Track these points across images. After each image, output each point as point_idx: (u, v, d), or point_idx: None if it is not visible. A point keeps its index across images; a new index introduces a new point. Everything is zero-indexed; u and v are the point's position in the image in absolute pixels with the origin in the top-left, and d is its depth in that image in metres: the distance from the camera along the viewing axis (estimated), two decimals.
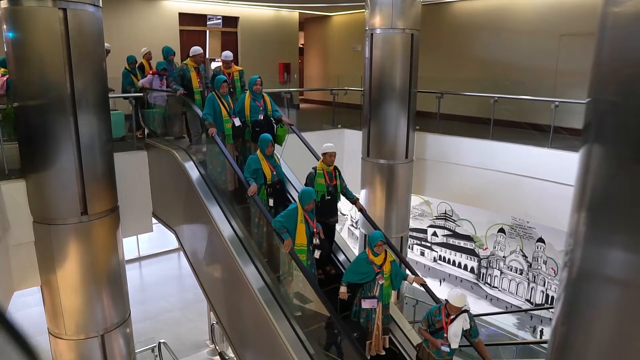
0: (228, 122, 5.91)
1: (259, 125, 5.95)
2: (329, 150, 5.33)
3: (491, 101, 8.21)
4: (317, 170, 5.37)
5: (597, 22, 1.24)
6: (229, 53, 6.92)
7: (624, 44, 1.15)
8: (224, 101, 5.93)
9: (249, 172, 5.23)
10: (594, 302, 1.28)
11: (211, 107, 5.85)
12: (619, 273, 1.21)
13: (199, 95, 6.65)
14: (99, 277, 5.42)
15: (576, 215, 1.32)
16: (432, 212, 11.63)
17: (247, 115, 5.97)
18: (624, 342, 1.25)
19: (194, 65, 6.68)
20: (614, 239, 1.20)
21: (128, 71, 8.03)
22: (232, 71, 6.89)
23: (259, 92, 6.01)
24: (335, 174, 5.43)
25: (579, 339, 1.36)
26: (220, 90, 5.92)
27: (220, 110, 5.87)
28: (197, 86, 6.65)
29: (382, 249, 4.66)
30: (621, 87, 1.16)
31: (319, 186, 5.31)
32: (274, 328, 4.56)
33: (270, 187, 5.33)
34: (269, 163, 5.33)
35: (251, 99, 5.98)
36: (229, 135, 5.94)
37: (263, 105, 6.04)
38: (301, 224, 4.71)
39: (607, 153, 1.22)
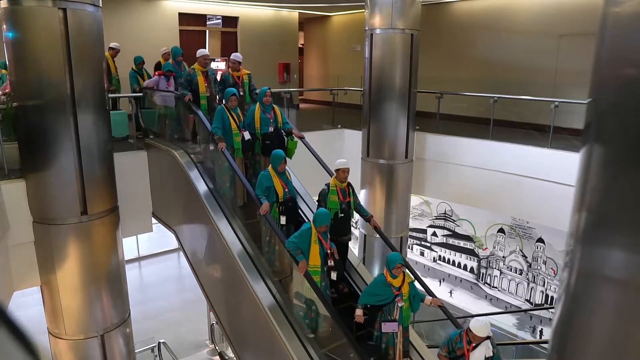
0: (238, 135, 5.72)
1: (269, 138, 5.80)
2: (342, 167, 5.17)
3: (491, 101, 8.21)
4: (330, 187, 5.20)
5: (597, 22, 1.24)
6: (238, 55, 6.70)
7: (624, 44, 1.15)
8: (233, 114, 5.74)
9: (260, 189, 5.05)
10: (594, 302, 1.29)
11: (220, 120, 5.65)
12: (620, 273, 1.21)
13: (204, 101, 6.45)
14: (99, 277, 5.42)
15: (577, 215, 1.32)
16: (431, 212, 11.63)
17: (257, 127, 5.81)
18: (624, 343, 1.25)
19: (201, 69, 6.47)
20: (615, 239, 1.20)
21: (135, 72, 7.99)
22: (242, 74, 6.68)
23: (269, 104, 5.86)
24: (348, 191, 5.27)
25: (580, 339, 1.36)
26: (229, 104, 5.74)
27: (230, 123, 5.68)
28: (203, 91, 6.43)
29: (401, 271, 4.50)
30: (622, 87, 1.16)
31: (332, 203, 5.14)
32: (273, 328, 4.56)
33: (282, 204, 5.14)
34: (280, 180, 5.15)
35: (261, 110, 5.82)
36: (238, 149, 5.75)
37: (273, 118, 5.87)
38: (315, 244, 4.57)
39: (607, 153, 1.22)
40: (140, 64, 8.05)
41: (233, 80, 6.56)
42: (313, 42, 17.05)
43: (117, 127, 7.35)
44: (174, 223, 6.80)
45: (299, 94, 14.96)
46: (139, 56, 8.13)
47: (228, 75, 6.62)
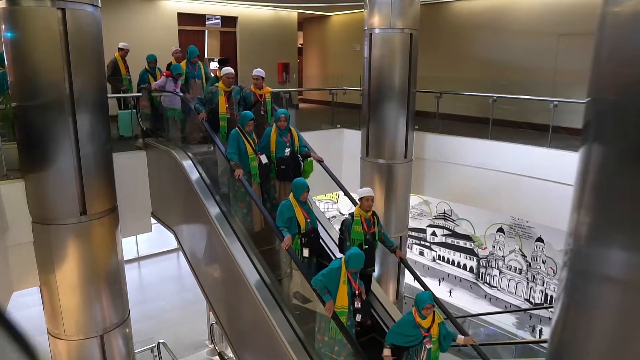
0: (254, 159, 5.42)
1: (285, 162, 5.52)
2: (366, 195, 4.90)
3: (490, 101, 8.21)
4: (354, 217, 4.95)
5: (596, 21, 1.24)
6: (261, 71, 6.15)
7: (623, 43, 1.15)
8: (248, 138, 5.43)
9: (281, 220, 4.75)
10: (593, 301, 1.29)
11: (236, 145, 5.34)
12: (619, 273, 1.21)
13: (224, 122, 5.98)
14: (98, 277, 5.42)
15: (576, 214, 1.32)
16: (431, 211, 11.63)
17: (273, 151, 5.55)
18: (623, 342, 1.25)
19: (224, 89, 5.98)
20: (614, 238, 1.20)
21: (146, 70, 7.83)
22: (265, 92, 6.17)
23: (284, 128, 5.57)
24: (373, 221, 5.00)
25: (579, 338, 1.37)
26: (245, 128, 5.41)
27: (246, 148, 5.37)
28: (224, 112, 5.96)
29: (430, 311, 4.26)
30: (621, 87, 1.16)
31: (356, 234, 4.89)
32: (273, 328, 4.56)
33: (304, 236, 4.85)
34: (302, 210, 4.87)
35: (277, 133, 5.54)
36: (255, 174, 5.45)
37: (290, 141, 5.60)
38: (343, 285, 4.31)
39: (606, 152, 1.22)
40: (152, 63, 7.87)
41: (255, 99, 6.12)
42: (312, 41, 17.05)
43: (123, 127, 7.40)
44: (173, 223, 6.80)
45: (298, 94, 14.96)
46: (151, 55, 7.99)
47: (250, 93, 6.14)
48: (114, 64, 8.14)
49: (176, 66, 7.10)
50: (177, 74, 7.01)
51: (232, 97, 6.01)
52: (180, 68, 7.08)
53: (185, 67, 7.26)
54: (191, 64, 7.24)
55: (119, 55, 8.13)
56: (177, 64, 7.20)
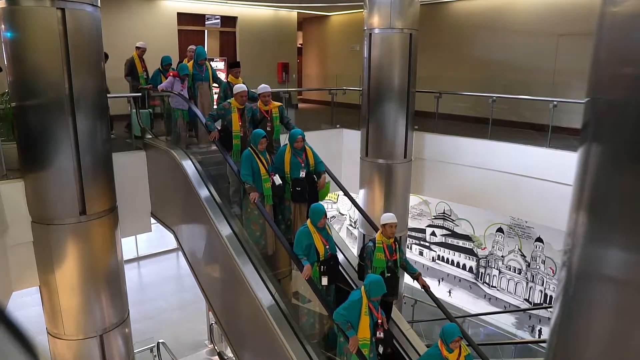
0: (267, 180, 5.23)
1: (300, 184, 5.32)
2: (389, 221, 4.75)
3: (489, 101, 8.22)
4: (376, 244, 4.79)
5: (595, 22, 1.25)
6: (266, 86, 5.97)
7: (622, 43, 1.15)
8: (262, 158, 5.24)
9: (300, 248, 4.58)
10: (592, 301, 1.29)
11: (249, 166, 5.15)
12: (617, 272, 1.21)
13: (238, 140, 5.73)
14: (98, 277, 5.42)
15: (575, 214, 1.33)
16: (430, 211, 11.63)
17: (287, 172, 5.34)
18: (622, 341, 1.25)
19: (238, 106, 5.73)
20: (612, 238, 1.21)
21: (159, 71, 7.69)
22: (271, 107, 5.97)
23: (300, 149, 5.37)
24: (395, 247, 4.86)
25: (578, 338, 1.37)
26: (258, 147, 5.22)
27: (259, 168, 5.18)
28: (237, 130, 5.71)
29: (458, 344, 4.14)
30: (619, 87, 1.17)
31: (377, 262, 4.73)
32: (272, 328, 4.56)
33: (323, 263, 4.67)
34: (321, 236, 4.68)
35: (292, 153, 5.35)
36: (268, 195, 5.25)
37: (305, 162, 5.39)
38: (365, 316, 4.15)
39: (605, 152, 1.22)
40: (167, 65, 7.67)
41: (261, 115, 5.95)
42: (312, 41, 17.05)
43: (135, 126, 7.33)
44: (173, 223, 6.80)
45: (297, 94, 14.96)
46: (167, 57, 7.83)
47: (256, 109, 5.96)
48: (131, 63, 8.05)
49: (183, 66, 6.99)
50: (184, 75, 6.89)
51: (245, 115, 5.79)
52: (187, 68, 6.99)
53: (192, 68, 7.13)
54: (198, 66, 7.09)
55: (136, 54, 8.04)
56: (184, 64, 7.09)
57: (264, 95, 5.86)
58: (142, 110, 7.54)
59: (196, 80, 7.14)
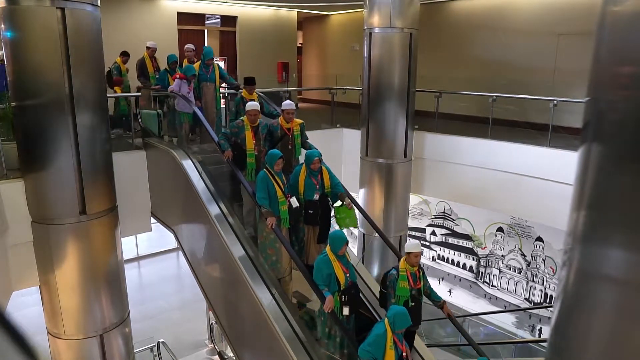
0: (284, 203, 5.00)
1: (313, 206, 5.15)
2: (414, 250, 4.59)
3: (490, 100, 8.22)
4: (399, 272, 4.63)
5: (595, 21, 1.24)
6: (291, 103, 5.72)
7: (622, 43, 1.15)
8: (278, 179, 5.00)
9: (320, 278, 4.38)
10: (592, 301, 1.29)
11: (265, 188, 4.93)
12: (618, 272, 1.21)
13: (252, 159, 5.48)
14: (98, 276, 5.42)
15: (575, 214, 1.32)
16: (430, 211, 11.63)
17: (301, 193, 5.17)
18: (622, 342, 1.25)
19: (251, 125, 5.52)
20: (613, 238, 1.20)
21: (166, 71, 7.49)
22: (293, 125, 5.71)
23: (316, 170, 5.18)
24: (419, 275, 4.70)
25: (578, 338, 1.37)
26: (274, 168, 4.97)
27: (275, 190, 4.96)
28: (251, 148, 5.48)
29: None
30: (620, 86, 1.16)
31: (401, 290, 4.57)
32: (272, 327, 4.56)
33: (344, 293, 4.45)
34: (341, 264, 4.47)
35: (307, 174, 5.17)
36: (285, 219, 5.03)
37: (320, 183, 5.20)
38: (390, 350, 4.01)
39: (606, 152, 1.22)
40: (172, 64, 7.50)
41: (282, 132, 5.71)
42: (312, 41, 17.05)
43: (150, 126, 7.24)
44: (173, 223, 6.80)
45: (297, 93, 14.97)
46: (172, 55, 7.64)
47: (277, 126, 5.71)
48: (142, 63, 7.95)
49: (189, 67, 6.84)
50: (191, 76, 6.73)
51: (259, 132, 5.56)
52: (193, 69, 6.84)
53: (199, 69, 6.96)
54: (205, 66, 6.90)
55: (147, 54, 7.95)
56: (190, 66, 6.93)
57: (287, 112, 5.61)
58: (150, 111, 7.43)
59: (201, 81, 7.01)
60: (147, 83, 7.86)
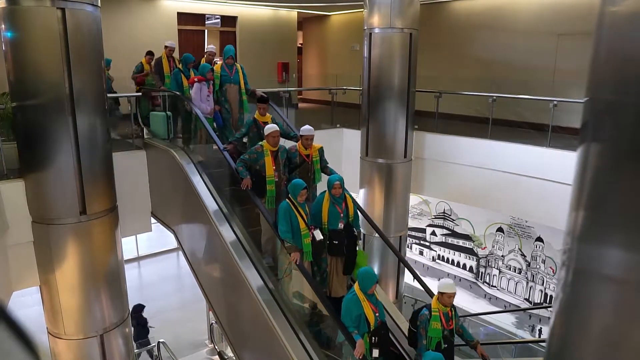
0: (307, 236, 4.73)
1: (338, 236, 4.89)
2: (448, 291, 4.36)
3: (490, 100, 8.22)
4: (431, 312, 4.39)
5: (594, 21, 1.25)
6: (310, 128, 5.41)
7: (621, 43, 1.16)
8: (301, 210, 4.74)
9: (349, 319, 4.15)
10: (591, 300, 1.29)
11: (288, 221, 4.67)
12: (617, 272, 1.21)
13: (272, 186, 5.19)
14: (98, 276, 5.42)
15: (574, 213, 1.33)
16: (430, 211, 11.63)
17: (325, 222, 4.91)
18: (621, 341, 1.25)
19: (270, 149, 5.19)
20: (612, 237, 1.21)
21: (179, 70, 7.09)
22: (312, 152, 5.43)
23: (339, 196, 4.91)
24: (452, 314, 4.47)
25: (577, 338, 1.37)
26: (297, 199, 4.72)
27: (298, 222, 4.71)
28: (271, 174, 5.18)
29: None
30: (618, 86, 1.17)
31: (433, 331, 4.35)
32: (273, 327, 4.56)
33: (374, 334, 4.23)
34: (370, 303, 4.25)
35: (330, 202, 4.90)
36: (308, 252, 4.77)
37: (344, 212, 4.94)
38: None
39: (604, 152, 1.22)
40: (190, 64, 7.14)
41: (300, 159, 5.43)
42: (312, 41, 17.05)
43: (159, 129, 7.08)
44: (173, 223, 6.80)
45: (297, 94, 14.96)
46: (188, 55, 7.29)
47: (295, 153, 5.43)
48: (158, 62, 7.70)
49: (205, 65, 6.46)
50: (208, 72, 6.35)
51: (279, 158, 5.27)
52: (209, 66, 6.54)
53: (220, 69, 6.57)
54: (227, 66, 6.48)
55: (164, 54, 7.68)
56: (206, 64, 6.60)
57: (306, 138, 5.34)
58: (158, 112, 7.22)
59: (224, 82, 6.57)
60: (159, 84, 7.60)
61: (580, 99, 1.35)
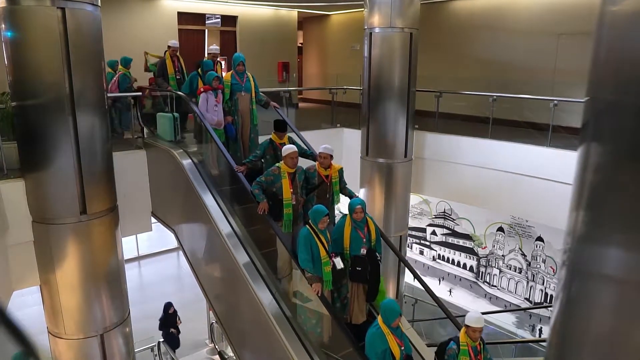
0: (328, 264, 4.52)
1: (361, 263, 4.69)
2: (476, 326, 4.24)
3: (490, 100, 8.21)
4: (460, 346, 4.29)
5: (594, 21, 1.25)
6: (328, 147, 5.13)
7: (621, 43, 1.15)
8: (321, 237, 4.53)
9: (374, 354, 4.04)
10: (591, 300, 1.29)
11: (308, 249, 4.46)
12: (616, 271, 1.21)
13: (289, 209, 4.97)
14: (98, 276, 5.42)
15: (574, 213, 1.33)
16: (431, 211, 11.63)
17: (346, 247, 4.71)
18: (621, 340, 1.25)
19: (288, 170, 4.96)
20: (612, 237, 1.21)
21: (197, 74, 6.89)
22: (332, 173, 5.15)
23: (360, 220, 4.72)
24: (480, 348, 4.35)
25: (577, 337, 1.37)
26: (319, 226, 4.51)
27: (319, 251, 4.48)
28: (288, 198, 4.94)
29: None
30: (618, 86, 1.17)
31: None
32: (273, 327, 4.56)
33: None
34: (395, 337, 4.10)
35: (352, 227, 4.71)
36: (328, 280, 4.55)
37: (367, 236, 4.74)
38: None
39: (604, 151, 1.22)
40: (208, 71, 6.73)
41: (319, 180, 5.16)
42: (312, 41, 17.05)
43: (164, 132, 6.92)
44: (173, 222, 6.80)
45: (298, 93, 14.97)
46: (209, 62, 7.04)
47: (313, 173, 5.16)
48: (162, 63, 7.49)
49: (211, 73, 6.06)
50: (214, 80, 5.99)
51: (296, 180, 5.04)
52: (211, 65, 6.28)
53: (231, 78, 6.23)
54: (238, 74, 6.14)
55: (168, 54, 7.48)
56: (212, 72, 6.20)
57: (324, 157, 5.06)
58: (165, 114, 7.05)
59: (235, 91, 6.24)
60: (164, 85, 7.39)
61: (581, 98, 1.35)
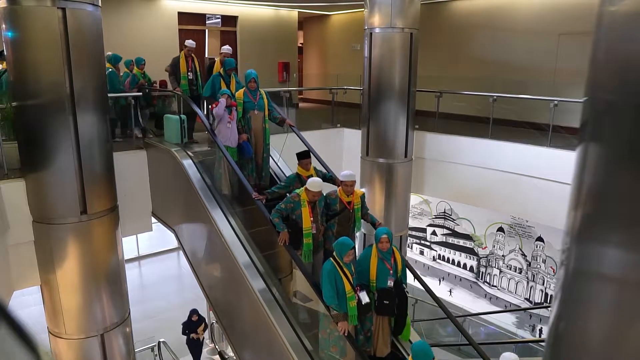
0: (352, 299, 4.29)
1: (388, 296, 4.48)
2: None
3: (490, 100, 8.22)
4: None
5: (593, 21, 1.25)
6: (351, 174, 4.93)
7: (620, 43, 1.16)
8: (346, 271, 4.30)
9: None
10: (590, 300, 1.29)
11: (333, 284, 4.23)
12: (616, 271, 1.21)
13: (309, 239, 4.75)
14: (99, 276, 5.43)
15: (573, 213, 1.33)
16: (431, 211, 11.63)
17: (373, 279, 4.51)
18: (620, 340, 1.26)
19: (308, 200, 4.75)
20: (611, 237, 1.21)
21: (219, 75, 6.62)
22: (353, 199, 4.97)
23: (386, 250, 4.52)
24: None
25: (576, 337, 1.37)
26: (344, 259, 4.30)
27: (343, 285, 4.27)
28: (308, 227, 4.75)
29: None
30: (618, 86, 1.17)
31: None
32: (273, 327, 4.56)
33: None
34: None
35: (379, 258, 4.52)
36: (353, 316, 4.34)
37: (393, 267, 4.55)
38: None
39: (603, 151, 1.22)
40: (230, 70, 6.61)
41: (341, 206, 4.96)
42: (312, 41, 17.05)
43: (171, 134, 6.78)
44: (173, 222, 6.80)
45: (298, 93, 14.98)
46: (231, 60, 6.80)
47: (335, 199, 4.98)
48: (175, 62, 7.24)
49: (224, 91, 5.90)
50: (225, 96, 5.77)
51: (317, 207, 4.85)
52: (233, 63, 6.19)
53: (243, 95, 5.97)
54: (250, 91, 5.94)
55: (183, 54, 7.24)
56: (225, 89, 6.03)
57: (347, 184, 4.87)
58: (172, 115, 6.96)
59: (247, 109, 5.99)
60: (175, 84, 7.14)
61: (581, 98, 1.35)
